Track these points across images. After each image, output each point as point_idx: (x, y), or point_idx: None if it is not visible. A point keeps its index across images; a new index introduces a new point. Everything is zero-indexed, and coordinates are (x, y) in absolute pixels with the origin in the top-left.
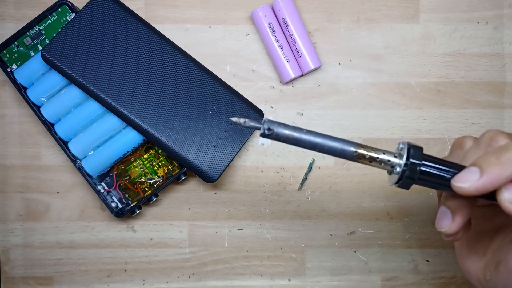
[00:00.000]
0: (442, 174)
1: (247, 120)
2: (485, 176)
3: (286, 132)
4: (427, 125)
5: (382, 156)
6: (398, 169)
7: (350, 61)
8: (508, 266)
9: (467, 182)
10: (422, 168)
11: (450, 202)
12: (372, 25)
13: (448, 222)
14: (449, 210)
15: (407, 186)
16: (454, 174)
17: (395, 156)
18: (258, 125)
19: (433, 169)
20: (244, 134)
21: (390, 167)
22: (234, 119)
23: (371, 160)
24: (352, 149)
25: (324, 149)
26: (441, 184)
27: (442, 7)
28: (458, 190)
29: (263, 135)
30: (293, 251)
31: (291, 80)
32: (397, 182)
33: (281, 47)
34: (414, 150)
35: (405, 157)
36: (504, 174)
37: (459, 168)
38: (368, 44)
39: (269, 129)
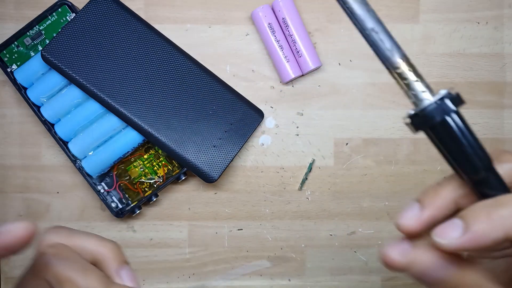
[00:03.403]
0: (464, 141)
1: None
2: (468, 235)
3: None
4: None
5: (417, 84)
6: (422, 104)
7: (350, 61)
8: None
9: (446, 238)
10: (447, 118)
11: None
12: None
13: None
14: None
15: (416, 127)
16: (479, 149)
17: (431, 92)
18: None
19: (457, 129)
20: (244, 134)
21: (417, 98)
22: None
23: (404, 80)
24: (398, 59)
25: (371, 39)
26: (455, 152)
27: (442, 7)
28: (436, 245)
29: None
30: (293, 251)
31: (291, 80)
32: (411, 117)
33: (281, 47)
34: (455, 97)
35: (438, 96)
36: (491, 235)
37: (485, 154)
38: None
39: None
